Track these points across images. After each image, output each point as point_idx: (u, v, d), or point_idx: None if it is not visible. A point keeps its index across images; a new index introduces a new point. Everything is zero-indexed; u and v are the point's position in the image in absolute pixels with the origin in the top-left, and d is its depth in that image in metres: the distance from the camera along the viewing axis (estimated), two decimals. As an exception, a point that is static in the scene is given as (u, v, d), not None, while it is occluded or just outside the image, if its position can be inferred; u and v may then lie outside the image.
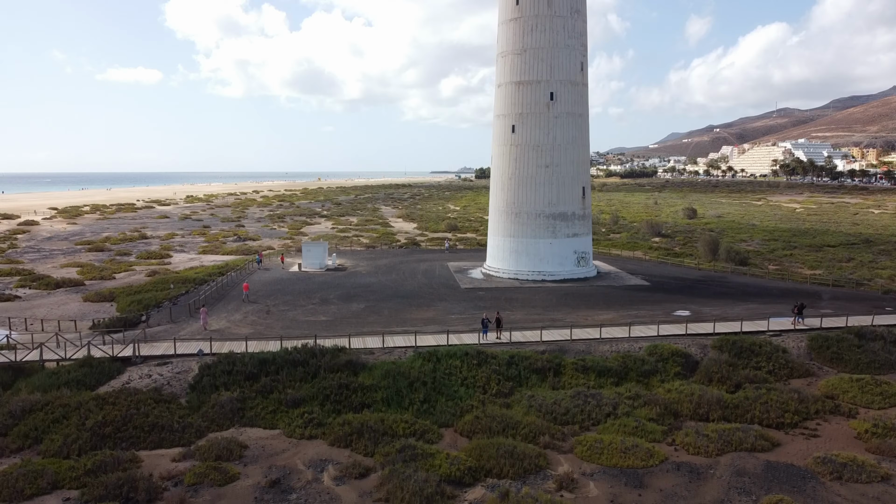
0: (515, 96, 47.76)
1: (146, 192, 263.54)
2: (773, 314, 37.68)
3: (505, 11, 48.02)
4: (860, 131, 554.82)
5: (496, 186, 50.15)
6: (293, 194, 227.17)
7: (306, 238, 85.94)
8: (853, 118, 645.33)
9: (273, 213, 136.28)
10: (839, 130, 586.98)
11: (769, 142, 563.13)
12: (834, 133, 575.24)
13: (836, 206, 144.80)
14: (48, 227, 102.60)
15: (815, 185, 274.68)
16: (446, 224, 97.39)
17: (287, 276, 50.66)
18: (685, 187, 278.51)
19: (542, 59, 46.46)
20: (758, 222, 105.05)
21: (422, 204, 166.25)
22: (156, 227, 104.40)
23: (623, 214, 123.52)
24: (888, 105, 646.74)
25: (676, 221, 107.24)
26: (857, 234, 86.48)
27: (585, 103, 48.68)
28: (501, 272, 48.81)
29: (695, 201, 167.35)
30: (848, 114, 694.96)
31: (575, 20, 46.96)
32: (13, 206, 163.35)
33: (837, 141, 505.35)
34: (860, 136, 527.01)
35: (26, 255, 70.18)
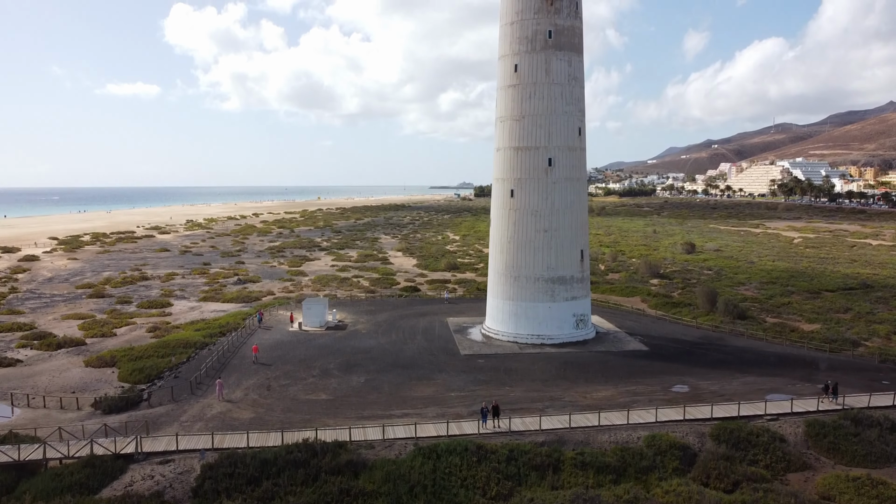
0: (514, 161, 48.30)
1: (146, 215, 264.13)
2: (771, 390, 37.98)
3: (504, 78, 48.67)
4: (857, 149, 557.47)
5: (495, 249, 50.56)
6: (292, 219, 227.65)
7: (306, 279, 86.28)
8: (850, 135, 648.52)
9: (273, 244, 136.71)
10: (837, 148, 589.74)
11: (767, 159, 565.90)
12: (831, 151, 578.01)
13: (834, 236, 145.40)
14: (49, 265, 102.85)
15: (814, 206, 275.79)
16: (446, 262, 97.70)
17: (288, 339, 50.89)
18: (683, 209, 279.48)
19: (540, 125, 47.05)
20: (756, 258, 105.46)
21: (421, 232, 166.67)
22: (156, 263, 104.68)
23: (622, 247, 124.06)
24: (885, 122, 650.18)
25: (675, 257, 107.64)
26: (854, 274, 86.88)
27: (583, 167, 49.22)
28: (501, 335, 49.10)
29: (693, 229, 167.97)
30: (845, 131, 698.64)
31: (573, 87, 47.59)
32: (14, 234, 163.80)
33: (835, 159, 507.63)
34: (858, 153, 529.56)
35: (27, 303, 70.46)
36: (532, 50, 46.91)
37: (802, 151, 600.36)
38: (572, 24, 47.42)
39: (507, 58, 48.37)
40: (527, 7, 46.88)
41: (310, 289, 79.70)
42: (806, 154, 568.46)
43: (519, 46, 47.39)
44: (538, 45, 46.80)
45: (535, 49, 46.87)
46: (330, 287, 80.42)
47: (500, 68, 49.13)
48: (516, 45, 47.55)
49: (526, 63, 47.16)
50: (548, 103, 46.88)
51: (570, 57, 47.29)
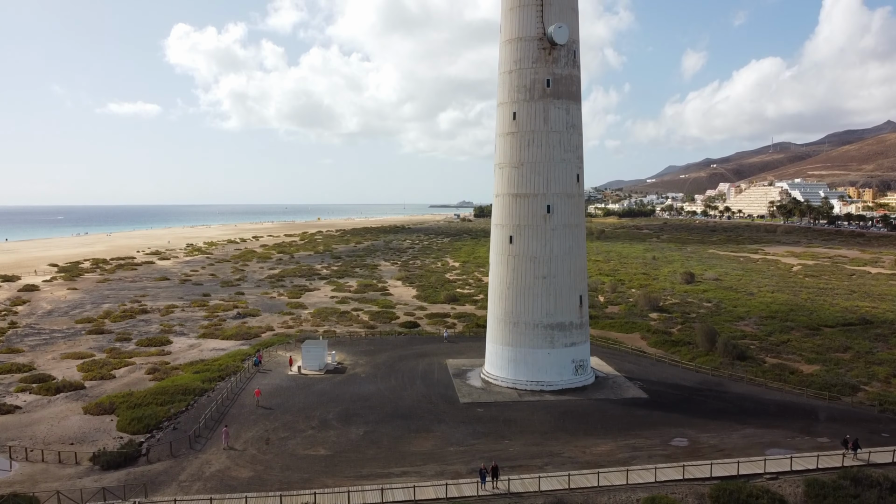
0: (513, 208, 48.61)
1: (146, 238, 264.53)
2: (770, 444, 37.93)
3: (502, 125, 49.13)
4: (856, 170, 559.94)
5: (494, 294, 50.70)
6: (292, 242, 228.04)
7: (306, 313, 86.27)
8: (848, 156, 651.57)
9: (272, 271, 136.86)
10: (835, 168, 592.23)
11: (766, 179, 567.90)
12: (830, 171, 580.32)
13: (833, 263, 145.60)
14: (48, 295, 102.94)
15: (813, 229, 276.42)
16: (445, 295, 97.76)
17: (287, 384, 50.84)
18: (683, 232, 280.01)
19: (539, 172, 47.42)
20: (755, 289, 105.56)
21: (421, 258, 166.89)
22: (156, 294, 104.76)
23: (621, 275, 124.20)
24: (883, 143, 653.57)
25: (674, 287, 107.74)
26: (853, 307, 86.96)
27: (581, 213, 49.50)
28: (500, 381, 49.09)
29: (692, 255, 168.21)
30: (843, 151, 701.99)
31: (571, 134, 48.03)
32: (15, 260, 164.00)
33: (834, 180, 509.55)
34: (856, 174, 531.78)
35: (27, 340, 70.47)
36: (530, 98, 47.41)
37: (801, 172, 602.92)
38: (570, 72, 47.96)
39: (505, 105, 48.86)
40: (525, 56, 47.45)
41: (309, 323, 79.72)
42: (804, 174, 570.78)
43: (517, 95, 47.89)
44: (536, 93, 47.29)
45: (533, 98, 47.36)
46: (329, 322, 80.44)
47: (499, 115, 49.60)
48: (515, 94, 48.05)
49: (524, 111, 47.63)
50: (546, 151, 47.29)
51: (568, 105, 47.77)
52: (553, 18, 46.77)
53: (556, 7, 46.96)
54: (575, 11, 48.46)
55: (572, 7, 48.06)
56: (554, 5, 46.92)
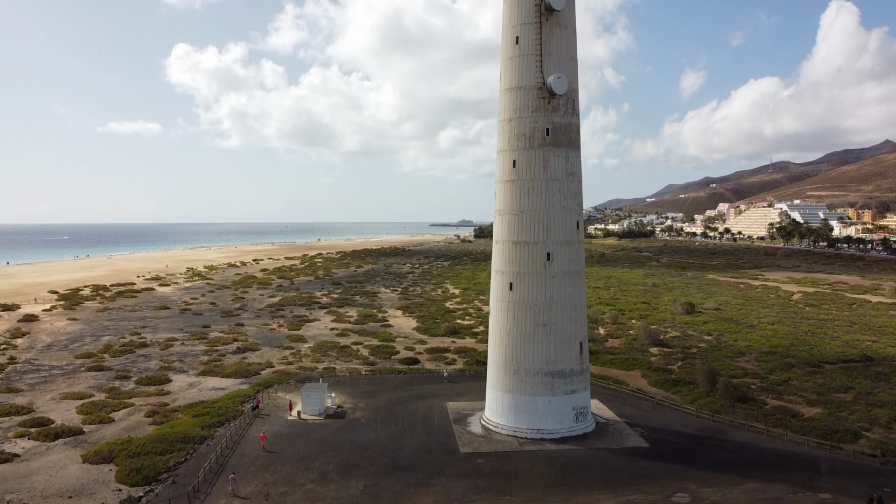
0: (513, 255, 48.78)
1: (146, 262, 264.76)
2: (772, 500, 37.74)
3: (503, 172, 49.45)
4: (855, 190, 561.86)
5: (494, 341, 50.72)
6: (292, 266, 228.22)
7: (305, 347, 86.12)
8: (847, 176, 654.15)
9: (272, 299, 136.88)
10: (834, 189, 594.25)
11: (765, 200, 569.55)
12: (829, 192, 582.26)
13: (833, 290, 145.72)
14: (48, 327, 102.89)
15: (813, 252, 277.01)
16: (445, 327, 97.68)
17: (286, 431, 50.66)
18: (683, 255, 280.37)
19: (539, 220, 47.64)
20: (756, 320, 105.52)
21: (421, 285, 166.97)
22: (155, 325, 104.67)
23: (621, 304, 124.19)
24: (881, 164, 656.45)
25: (674, 318, 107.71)
26: (854, 341, 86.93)
27: (581, 260, 49.66)
28: (500, 428, 48.93)
29: (692, 281, 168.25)
30: (842, 172, 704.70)
31: (570, 182, 48.33)
32: (15, 286, 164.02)
33: (833, 201, 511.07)
34: (855, 195, 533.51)
35: (26, 377, 70.34)
36: (530, 147, 47.77)
37: (800, 192, 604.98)
38: (569, 121, 48.37)
39: (505, 153, 49.22)
40: (524, 105, 47.89)
41: (309, 359, 79.62)
42: (804, 195, 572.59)
43: (517, 143, 48.26)
44: (536, 142, 47.67)
45: (532, 146, 47.73)
46: (329, 357, 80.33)
47: (499, 162, 49.95)
48: (514, 142, 48.43)
49: (524, 159, 47.97)
50: (546, 199, 47.55)
51: (567, 153, 48.13)
52: (552, 68, 47.27)
53: (554, 57, 47.48)
54: (574, 60, 48.98)
55: (571, 56, 48.59)
56: (553, 55, 47.45)
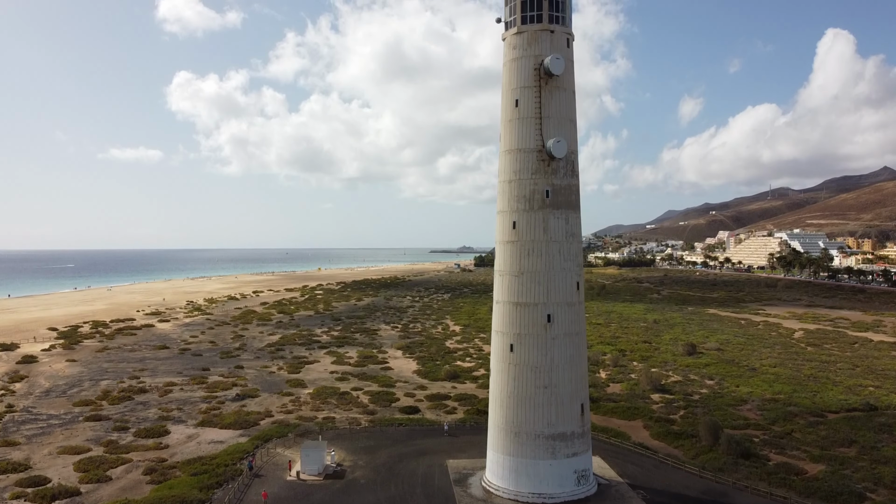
0: (513, 316, 48.74)
1: (146, 293, 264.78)
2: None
3: (503, 233, 49.62)
4: (854, 219, 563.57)
5: (495, 403, 50.45)
6: (293, 299, 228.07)
7: (305, 393, 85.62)
8: (846, 205, 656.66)
9: (272, 337, 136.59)
10: (834, 217, 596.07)
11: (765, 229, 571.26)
12: (829, 220, 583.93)
13: (835, 327, 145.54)
14: (47, 369, 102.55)
15: (814, 283, 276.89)
16: (446, 371, 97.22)
17: (285, 493, 50.12)
18: (683, 286, 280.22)
19: (539, 282, 47.67)
20: (757, 362, 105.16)
21: (422, 320, 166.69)
22: (154, 367, 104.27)
23: (623, 343, 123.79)
24: (880, 192, 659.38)
25: (676, 360, 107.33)
26: (857, 387, 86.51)
27: (582, 321, 49.59)
28: (501, 492, 48.42)
29: (692, 317, 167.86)
30: (841, 200, 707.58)
31: (570, 243, 48.47)
32: (14, 322, 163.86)
33: (832, 230, 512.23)
34: (854, 224, 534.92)
35: (24, 428, 69.84)
36: (530, 209, 48.00)
37: (800, 220, 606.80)
38: (569, 182, 48.69)
39: (505, 213, 49.44)
40: (524, 167, 48.24)
41: (308, 406, 79.13)
42: (803, 223, 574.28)
43: (517, 204, 48.51)
44: (536, 203, 47.91)
45: (532, 208, 47.96)
46: (328, 405, 79.79)
47: (500, 223, 50.15)
48: (514, 203, 48.68)
49: (524, 221, 48.18)
50: (546, 261, 47.64)
51: (567, 214, 48.34)
52: (552, 131, 47.70)
53: (554, 120, 47.94)
54: (573, 122, 49.46)
55: (570, 118, 49.06)
56: (552, 118, 47.91)
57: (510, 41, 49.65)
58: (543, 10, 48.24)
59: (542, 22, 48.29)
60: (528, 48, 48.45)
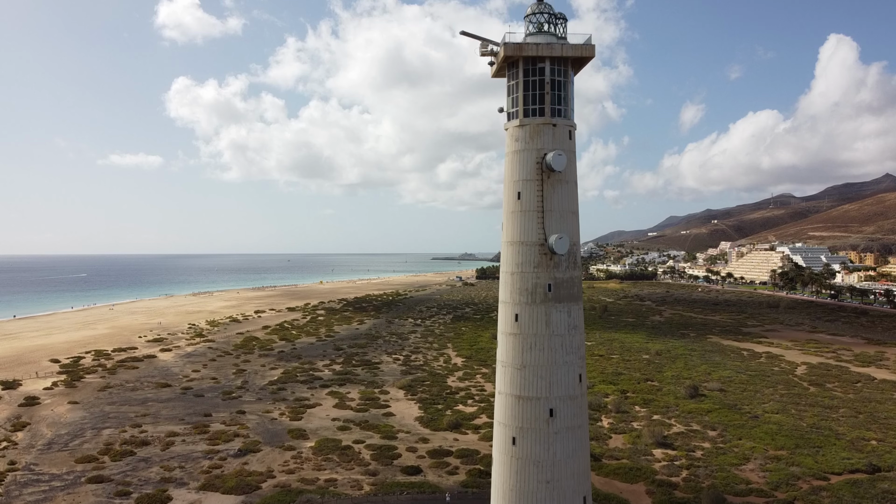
0: (516, 409, 48.67)
1: (148, 311, 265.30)
2: None
3: (506, 324, 49.62)
4: (856, 231, 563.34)
5: (497, 495, 50.31)
6: (294, 322, 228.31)
7: (307, 448, 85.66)
8: (849, 216, 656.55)
9: (274, 371, 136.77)
10: (836, 230, 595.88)
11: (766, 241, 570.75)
12: (830, 233, 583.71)
13: (838, 361, 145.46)
14: (50, 413, 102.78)
15: (816, 304, 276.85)
16: (448, 421, 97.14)
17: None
18: (685, 306, 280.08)
19: (541, 376, 47.65)
20: (760, 407, 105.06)
21: (424, 350, 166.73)
22: (157, 412, 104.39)
23: (625, 382, 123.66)
24: (882, 203, 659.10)
25: (679, 404, 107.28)
26: (860, 441, 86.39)
27: (584, 413, 49.56)
28: (503, 585, 48.36)
29: (695, 347, 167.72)
30: (843, 211, 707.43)
31: (573, 336, 48.46)
32: (17, 350, 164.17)
33: (835, 243, 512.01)
34: (857, 237, 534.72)
35: (26, 491, 69.98)
36: (532, 302, 48.02)
37: (802, 232, 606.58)
38: (571, 275, 48.72)
39: (508, 305, 49.45)
40: (526, 261, 48.26)
41: (310, 464, 79.25)
42: (805, 235, 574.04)
43: (519, 297, 48.52)
44: (538, 297, 47.93)
45: (535, 301, 47.97)
46: (330, 462, 79.82)
47: (502, 314, 50.17)
48: (517, 296, 48.69)
49: (526, 314, 48.19)
50: (548, 355, 47.62)
51: (569, 307, 48.36)
52: (554, 225, 47.75)
53: (556, 213, 47.99)
54: (575, 215, 49.53)
55: (572, 210, 49.13)
56: (555, 212, 47.97)
57: (512, 133, 49.75)
58: (546, 104, 48.38)
59: (544, 116, 48.40)
60: (531, 141, 48.56)
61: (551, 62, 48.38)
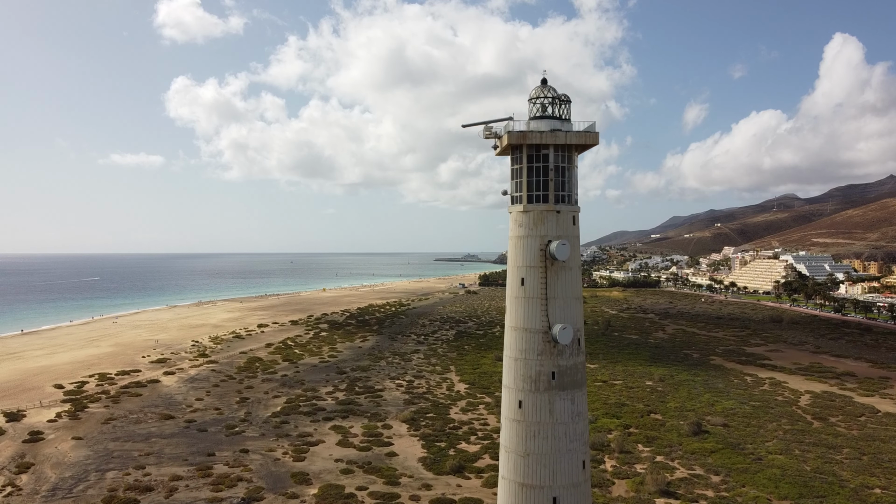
0: (519, 497, 48.60)
1: (151, 327, 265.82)
2: None
3: (509, 410, 49.60)
4: (860, 238, 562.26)
5: (500, 579, 50.46)
6: (297, 339, 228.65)
7: (310, 496, 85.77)
8: (853, 222, 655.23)
9: (277, 400, 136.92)
10: (839, 236, 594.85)
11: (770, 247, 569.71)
12: (834, 240, 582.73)
13: (842, 391, 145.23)
14: (53, 452, 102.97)
15: (819, 319, 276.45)
16: (450, 465, 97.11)
17: None
18: (688, 321, 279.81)
19: (544, 464, 47.66)
20: (763, 447, 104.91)
21: (427, 373, 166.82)
22: (160, 450, 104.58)
23: (628, 416, 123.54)
24: (886, 209, 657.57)
25: (682, 442, 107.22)
26: (863, 490, 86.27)
27: (588, 499, 49.54)
28: None
29: (697, 371, 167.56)
30: (847, 217, 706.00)
31: (576, 423, 48.45)
32: (20, 373, 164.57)
33: (838, 250, 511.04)
34: (861, 244, 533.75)
35: (29, 549, 70.20)
36: (536, 390, 48.01)
37: (805, 238, 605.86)
38: (575, 362, 48.69)
39: (511, 391, 49.47)
40: (530, 347, 48.25)
41: (313, 515, 79.39)
42: (809, 241, 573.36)
43: (523, 384, 48.52)
44: (542, 385, 47.91)
45: (538, 389, 47.96)
46: (334, 514, 79.93)
47: (505, 399, 50.16)
48: (520, 382, 48.69)
49: (529, 402, 48.19)
50: (552, 443, 47.63)
51: (573, 395, 48.35)
52: (557, 313, 47.73)
53: (560, 301, 47.97)
54: (579, 300, 49.47)
55: (576, 296, 49.09)
56: (558, 299, 47.95)
57: (516, 218, 49.74)
58: (550, 191, 48.38)
59: (548, 202, 48.41)
60: (535, 228, 48.56)
61: (555, 149, 48.39)
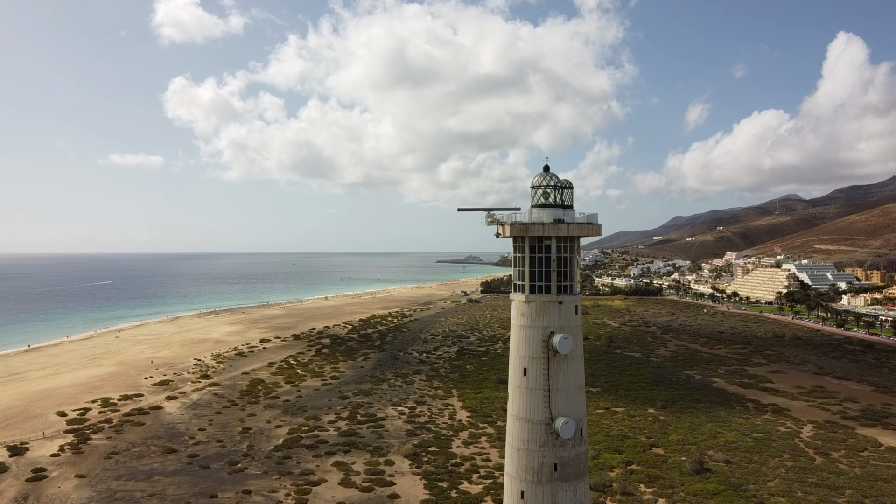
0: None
1: (155, 342, 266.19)
2: None
3: (510, 499, 49.69)
4: (863, 245, 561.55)
5: None
6: (299, 357, 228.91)
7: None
8: (855, 227, 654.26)
9: (280, 430, 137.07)
10: (842, 243, 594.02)
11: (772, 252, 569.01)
12: (837, 247, 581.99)
13: (844, 419, 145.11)
14: (56, 492, 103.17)
15: (822, 333, 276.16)
16: None
17: None
18: (690, 337, 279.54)
19: (547, 553, 47.69)
20: (766, 490, 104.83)
21: (430, 398, 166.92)
22: (163, 490, 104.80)
23: (629, 450, 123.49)
24: (889, 214, 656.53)
25: (684, 481, 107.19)
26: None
27: (590, 588, 49.64)
28: None
29: (700, 397, 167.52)
30: (850, 222, 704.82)
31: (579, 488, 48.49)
32: (23, 396, 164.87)
33: (841, 258, 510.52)
34: (863, 251, 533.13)
35: None
36: (538, 481, 48.09)
37: (808, 244, 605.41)
38: (577, 452, 48.73)
39: (514, 479, 49.54)
40: (532, 438, 48.32)
41: (316, 569, 79.49)
42: (811, 248, 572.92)
43: (525, 475, 48.59)
44: (544, 477, 47.98)
45: (541, 481, 48.03)
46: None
47: (508, 488, 50.24)
48: (523, 473, 48.76)
49: (532, 493, 48.25)
50: (555, 526, 47.66)
51: (576, 486, 48.42)
52: (560, 404, 47.77)
53: (562, 392, 48.04)
54: (581, 390, 49.52)
55: (578, 386, 49.14)
56: (561, 390, 48.02)
57: (518, 307, 49.80)
58: (552, 282, 48.43)
59: (550, 293, 48.46)
60: (537, 318, 48.62)
61: (557, 240, 48.40)
